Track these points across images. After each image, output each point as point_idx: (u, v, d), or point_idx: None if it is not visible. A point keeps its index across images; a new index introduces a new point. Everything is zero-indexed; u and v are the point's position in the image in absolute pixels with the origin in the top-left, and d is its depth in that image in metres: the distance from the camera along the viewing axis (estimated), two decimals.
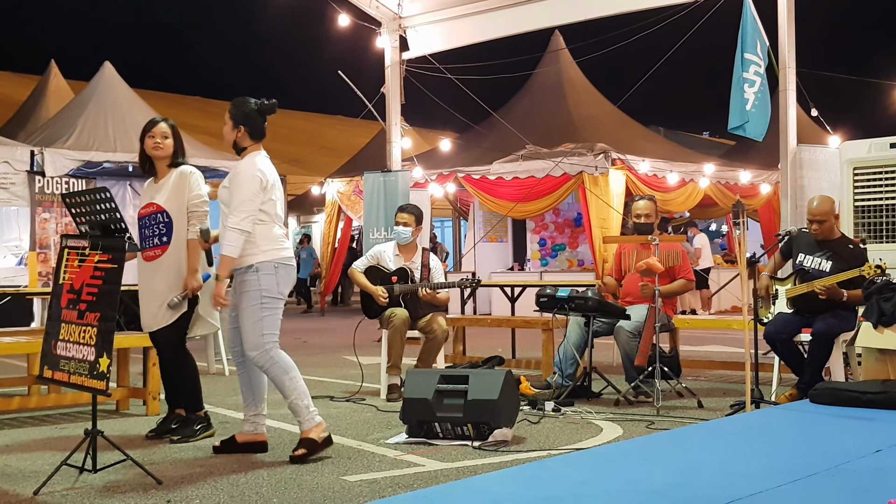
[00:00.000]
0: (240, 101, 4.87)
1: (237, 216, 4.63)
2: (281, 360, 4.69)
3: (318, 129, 42.34)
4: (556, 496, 3.40)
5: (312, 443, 4.65)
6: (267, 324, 4.68)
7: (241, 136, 4.83)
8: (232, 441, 4.86)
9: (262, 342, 4.66)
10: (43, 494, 3.99)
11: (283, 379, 4.68)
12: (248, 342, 4.68)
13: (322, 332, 14.34)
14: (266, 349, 4.66)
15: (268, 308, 4.69)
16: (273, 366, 4.68)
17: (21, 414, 6.22)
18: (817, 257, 6.18)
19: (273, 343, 4.69)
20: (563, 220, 17.44)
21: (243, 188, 4.69)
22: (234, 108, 4.85)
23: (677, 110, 72.93)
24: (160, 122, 5.36)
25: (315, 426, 4.69)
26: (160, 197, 5.22)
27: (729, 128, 8.75)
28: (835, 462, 3.84)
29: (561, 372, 6.68)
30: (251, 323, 4.66)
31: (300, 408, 4.69)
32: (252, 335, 4.67)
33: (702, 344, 10.76)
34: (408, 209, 7.12)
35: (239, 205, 4.65)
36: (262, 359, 4.67)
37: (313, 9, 13.74)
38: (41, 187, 12.75)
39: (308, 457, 4.60)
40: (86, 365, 4.21)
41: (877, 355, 5.62)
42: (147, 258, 5.20)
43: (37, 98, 19.15)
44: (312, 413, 4.71)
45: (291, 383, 4.68)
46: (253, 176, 4.71)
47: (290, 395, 4.68)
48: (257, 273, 4.68)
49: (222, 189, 4.82)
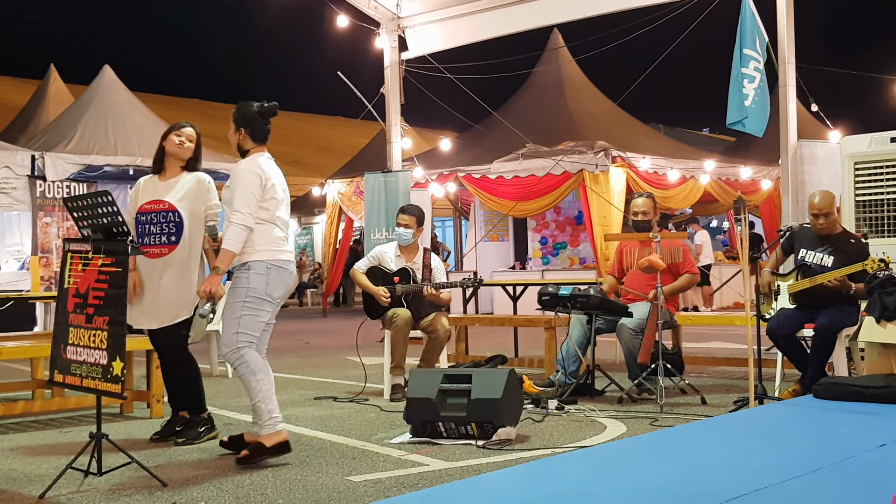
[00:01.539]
0: (242, 105, 4.90)
1: (239, 212, 4.63)
2: (251, 361, 4.64)
3: (318, 130, 42.39)
4: (561, 494, 3.40)
5: (260, 447, 4.59)
6: (244, 323, 4.65)
7: (243, 139, 4.85)
8: (241, 441, 4.82)
9: (235, 340, 4.63)
10: (49, 498, 4.00)
11: (249, 379, 4.63)
12: (223, 338, 4.68)
13: (324, 332, 14.35)
14: (237, 347, 4.62)
15: (250, 307, 4.66)
16: (241, 365, 4.63)
17: (25, 418, 6.23)
18: (819, 252, 6.19)
19: (247, 343, 4.65)
20: (563, 218, 17.44)
21: (243, 185, 4.68)
22: (236, 111, 4.88)
23: (677, 107, 72.95)
24: (190, 127, 5.40)
25: (272, 433, 4.61)
26: (172, 196, 5.20)
27: (727, 123, 8.77)
28: (839, 457, 3.84)
29: (564, 370, 6.68)
30: (229, 319, 4.66)
31: (262, 411, 4.62)
32: (227, 331, 4.65)
33: (704, 340, 10.76)
34: (408, 210, 7.13)
35: (240, 201, 4.65)
36: (232, 356, 4.64)
37: (312, 10, 13.78)
38: (42, 191, 12.77)
39: (251, 459, 4.55)
40: (98, 368, 4.21)
41: (880, 350, 5.62)
42: (152, 255, 5.14)
43: (37, 102, 19.18)
44: (274, 420, 4.63)
45: (258, 385, 4.62)
46: (252, 173, 4.72)
47: (255, 396, 4.63)
48: (248, 271, 4.68)
49: (225, 190, 4.82)
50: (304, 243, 24.97)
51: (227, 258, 4.64)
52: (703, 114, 73.87)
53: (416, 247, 7.11)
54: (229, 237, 4.63)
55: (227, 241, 4.64)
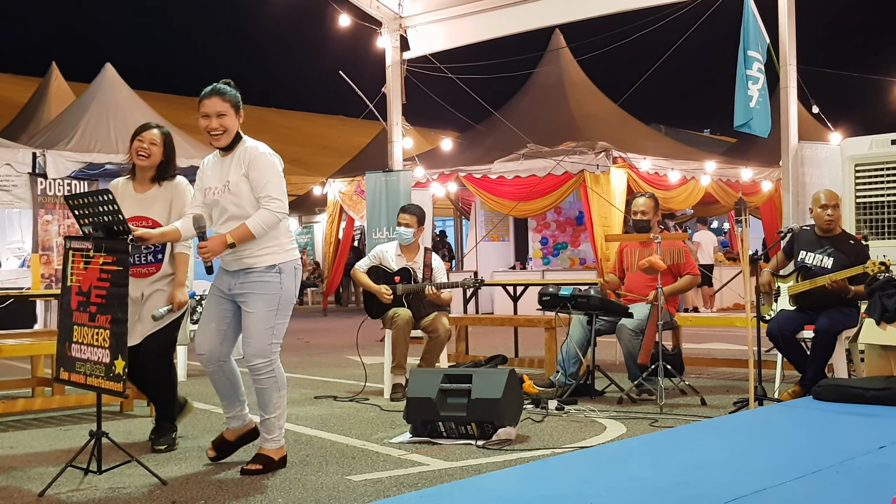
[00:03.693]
0: (224, 88, 4.41)
1: (279, 200, 4.26)
2: (279, 375, 4.40)
3: (319, 129, 42.38)
4: (561, 494, 3.41)
5: (270, 461, 4.40)
6: (278, 331, 4.37)
7: (239, 123, 4.43)
8: (226, 443, 4.65)
9: (270, 350, 4.34)
10: (48, 496, 4.00)
11: (273, 395, 4.38)
12: (254, 347, 4.33)
13: (324, 332, 14.36)
14: (272, 359, 4.35)
15: (283, 314, 4.38)
16: (270, 378, 4.36)
17: (25, 416, 6.23)
18: (819, 254, 6.19)
19: (277, 353, 4.40)
20: (564, 218, 17.45)
21: (274, 170, 4.31)
22: (230, 94, 4.39)
23: (678, 108, 72.92)
24: (152, 129, 5.03)
25: (279, 448, 4.45)
26: (154, 211, 4.95)
27: (735, 125, 8.74)
28: (839, 459, 3.84)
29: (564, 370, 6.69)
30: (263, 328, 4.32)
31: (275, 427, 4.41)
32: (260, 341, 4.32)
33: (704, 341, 10.76)
34: (409, 210, 7.13)
35: (276, 188, 4.27)
36: (265, 368, 4.34)
37: (314, 9, 13.78)
38: (43, 189, 12.78)
39: (260, 473, 4.33)
40: (101, 367, 4.21)
41: (880, 352, 5.62)
42: (138, 275, 4.87)
43: (38, 100, 19.18)
44: (282, 434, 4.47)
45: (279, 401, 4.41)
46: (276, 158, 4.38)
47: (274, 412, 4.40)
48: (280, 274, 4.35)
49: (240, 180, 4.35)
50: (305, 242, 24.97)
51: (245, 236, 4.24)
52: (703, 115, 73.87)
53: (416, 246, 7.11)
54: (261, 222, 4.24)
55: (255, 224, 4.24)
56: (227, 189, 4.37)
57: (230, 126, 4.38)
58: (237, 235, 4.24)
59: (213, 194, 4.44)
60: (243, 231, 4.24)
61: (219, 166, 4.46)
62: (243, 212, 4.34)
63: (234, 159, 4.40)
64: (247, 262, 4.35)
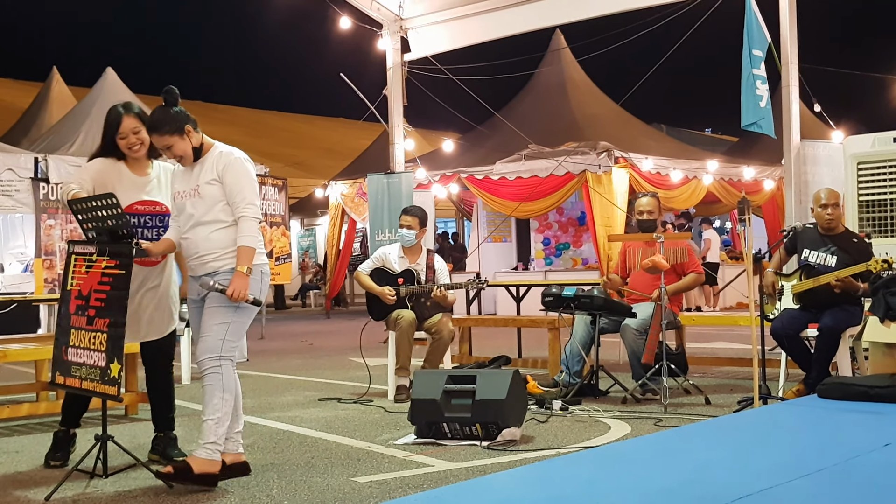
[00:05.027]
0: (158, 110, 4.44)
1: (254, 204, 4.27)
2: (226, 375, 4.21)
3: (320, 131, 42.38)
4: (567, 495, 3.41)
5: (188, 470, 4.11)
6: (233, 331, 4.26)
7: (194, 136, 4.38)
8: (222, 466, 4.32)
9: (220, 346, 4.20)
10: (54, 500, 4.00)
11: (215, 394, 4.18)
12: (206, 342, 4.22)
13: (327, 334, 14.36)
14: (220, 355, 4.20)
15: (241, 314, 4.28)
16: (215, 375, 4.19)
17: (30, 420, 6.23)
18: (822, 252, 6.19)
19: (230, 352, 4.24)
20: (566, 219, 17.45)
21: (247, 175, 4.33)
22: (171, 117, 4.38)
23: (679, 108, 72.89)
24: (123, 116, 4.86)
25: (205, 460, 4.14)
26: (161, 195, 4.79)
27: (743, 125, 8.69)
28: (844, 457, 3.84)
29: (568, 370, 6.69)
30: (217, 323, 4.22)
31: (210, 433, 4.17)
32: (213, 336, 4.22)
33: (708, 341, 10.75)
34: (411, 212, 7.13)
35: (252, 192, 4.29)
36: (210, 364, 4.19)
37: (314, 12, 13.80)
38: (45, 194, 12.77)
39: (171, 479, 4.11)
40: (97, 371, 4.21)
41: (884, 349, 5.61)
42: (147, 263, 4.64)
43: (39, 105, 19.20)
44: (216, 447, 4.18)
45: (220, 403, 4.19)
46: (248, 162, 4.39)
47: (212, 414, 4.17)
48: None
49: (214, 185, 4.32)
50: (307, 245, 24.99)
51: (250, 256, 4.23)
52: (705, 114, 73.84)
53: (419, 248, 7.11)
54: (248, 233, 4.24)
55: (246, 238, 4.23)
56: (196, 193, 4.34)
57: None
58: (244, 261, 4.22)
59: (181, 198, 4.42)
60: (243, 253, 4.23)
61: (189, 172, 4.44)
62: (210, 216, 4.31)
63: (204, 165, 4.38)
64: (213, 266, 4.32)
